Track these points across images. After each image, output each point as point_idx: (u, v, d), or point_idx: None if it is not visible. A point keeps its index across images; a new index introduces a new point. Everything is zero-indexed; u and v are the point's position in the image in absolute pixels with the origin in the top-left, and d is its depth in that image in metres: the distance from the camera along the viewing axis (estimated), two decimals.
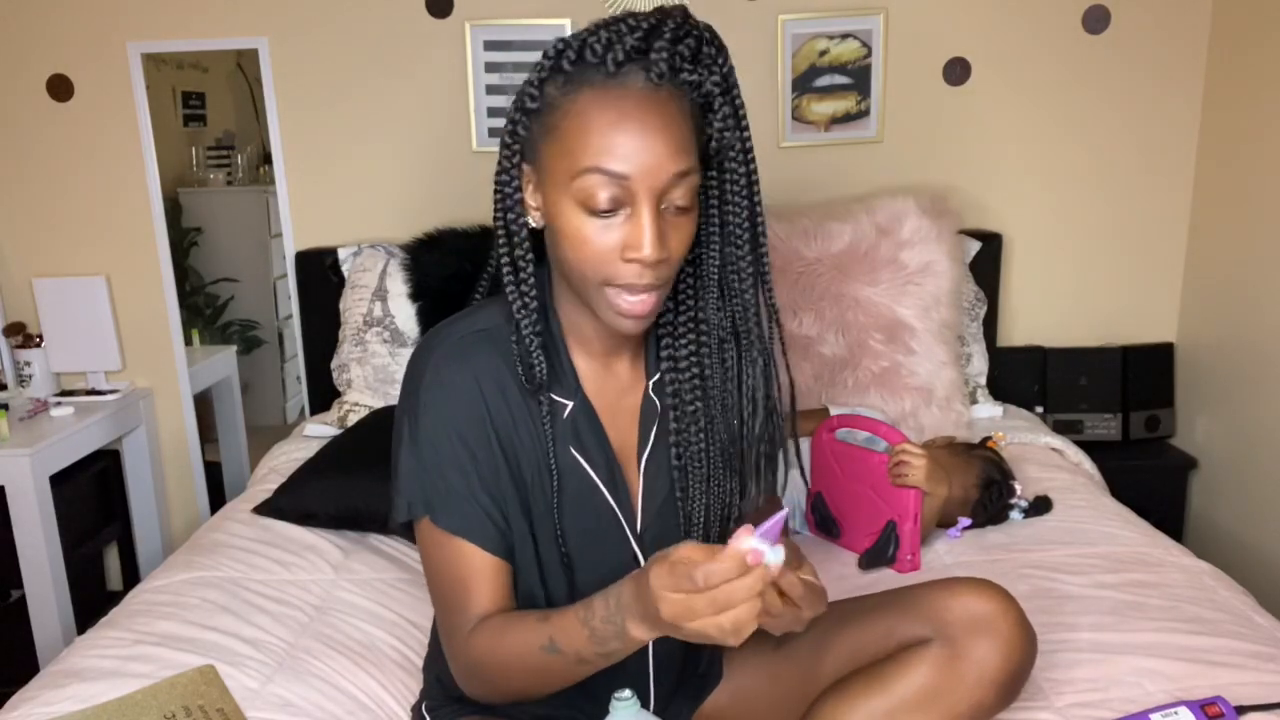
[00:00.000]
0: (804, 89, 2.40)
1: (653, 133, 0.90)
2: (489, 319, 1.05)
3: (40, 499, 2.15)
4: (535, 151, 0.96)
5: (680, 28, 0.92)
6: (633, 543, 1.08)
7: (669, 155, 0.90)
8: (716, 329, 1.04)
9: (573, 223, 0.93)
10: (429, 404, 1.01)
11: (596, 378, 1.07)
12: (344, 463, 1.87)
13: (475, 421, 1.01)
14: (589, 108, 0.90)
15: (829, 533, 1.79)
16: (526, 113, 0.96)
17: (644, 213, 0.91)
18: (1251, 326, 2.25)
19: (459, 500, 1.01)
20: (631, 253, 0.92)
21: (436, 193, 2.42)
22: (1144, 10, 2.36)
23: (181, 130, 2.65)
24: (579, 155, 0.90)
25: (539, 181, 0.97)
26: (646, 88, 0.91)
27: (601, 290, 0.95)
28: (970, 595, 1.07)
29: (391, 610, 1.56)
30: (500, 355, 1.02)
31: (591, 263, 0.93)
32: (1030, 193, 2.46)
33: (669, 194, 0.92)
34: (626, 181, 0.90)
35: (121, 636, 1.43)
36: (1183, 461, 2.45)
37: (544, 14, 2.36)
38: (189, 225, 2.68)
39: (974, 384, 2.32)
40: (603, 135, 0.90)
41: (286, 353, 2.78)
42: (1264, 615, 1.45)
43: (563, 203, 0.93)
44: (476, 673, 1.02)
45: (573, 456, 1.05)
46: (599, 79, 0.91)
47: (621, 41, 0.90)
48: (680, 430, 1.07)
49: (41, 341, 2.45)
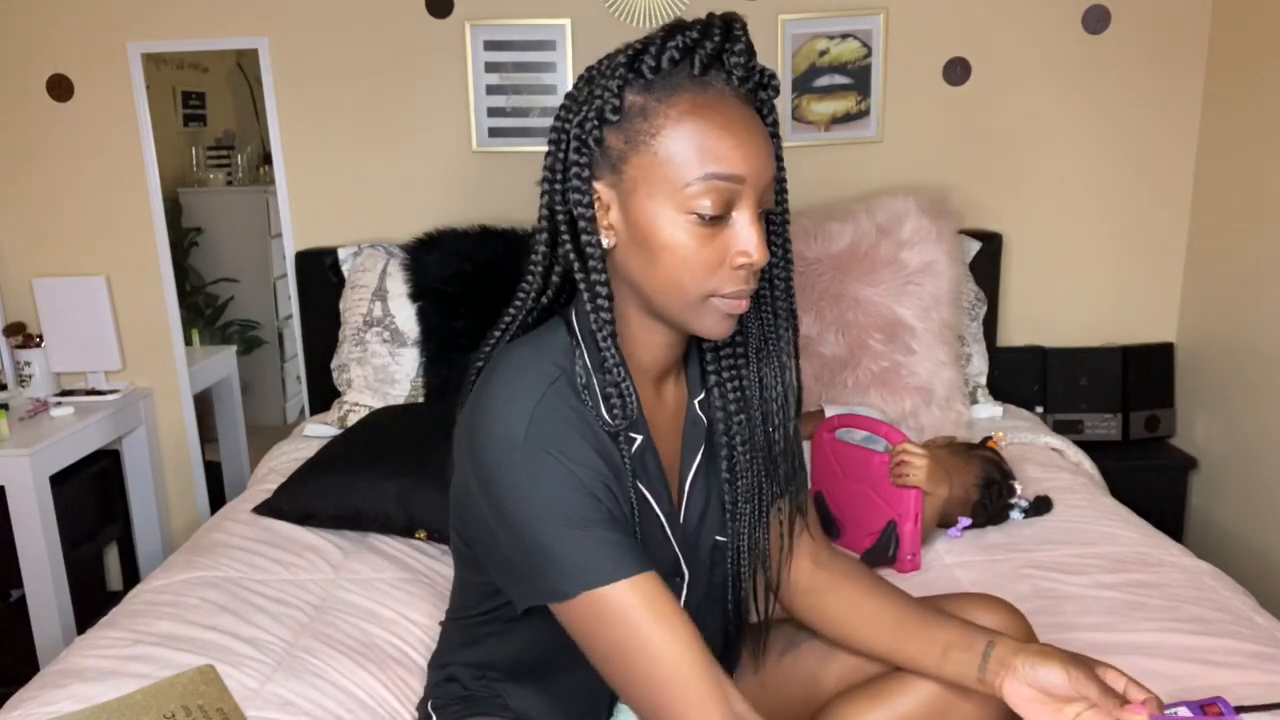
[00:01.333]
0: (804, 89, 2.40)
1: (757, 133, 0.89)
2: (550, 359, 0.96)
3: (40, 499, 2.15)
4: (619, 165, 0.90)
5: (740, 36, 0.90)
6: (676, 550, 1.05)
7: (769, 156, 0.90)
8: (755, 338, 1.03)
9: (678, 234, 0.88)
10: (545, 467, 0.90)
11: (650, 406, 1.03)
12: (344, 463, 1.87)
13: (593, 475, 0.92)
14: (691, 114, 0.87)
15: (829, 533, 1.79)
16: (604, 124, 0.90)
17: (750, 216, 0.89)
18: (1251, 326, 2.25)
19: (616, 546, 0.90)
20: (743, 258, 0.89)
21: (436, 193, 2.42)
22: (1144, 10, 2.36)
23: (181, 130, 2.65)
24: (691, 163, 0.87)
25: (619, 196, 0.91)
26: (732, 91, 0.89)
27: (706, 301, 0.91)
28: (978, 610, 1.07)
29: (392, 609, 1.56)
30: (577, 399, 0.94)
31: (698, 273, 0.89)
32: (1030, 193, 2.46)
33: (765, 196, 0.91)
34: (740, 186, 0.88)
35: (121, 636, 1.43)
36: (1183, 461, 2.45)
37: (544, 14, 2.36)
38: (189, 225, 2.68)
39: (974, 384, 2.32)
40: (717, 139, 0.87)
41: (286, 353, 2.78)
42: (1264, 615, 1.45)
43: (664, 214, 0.88)
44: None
45: (642, 492, 0.99)
46: (689, 84, 0.88)
47: (701, 45, 0.88)
48: (729, 444, 1.05)
49: (41, 341, 2.45)
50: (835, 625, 1.13)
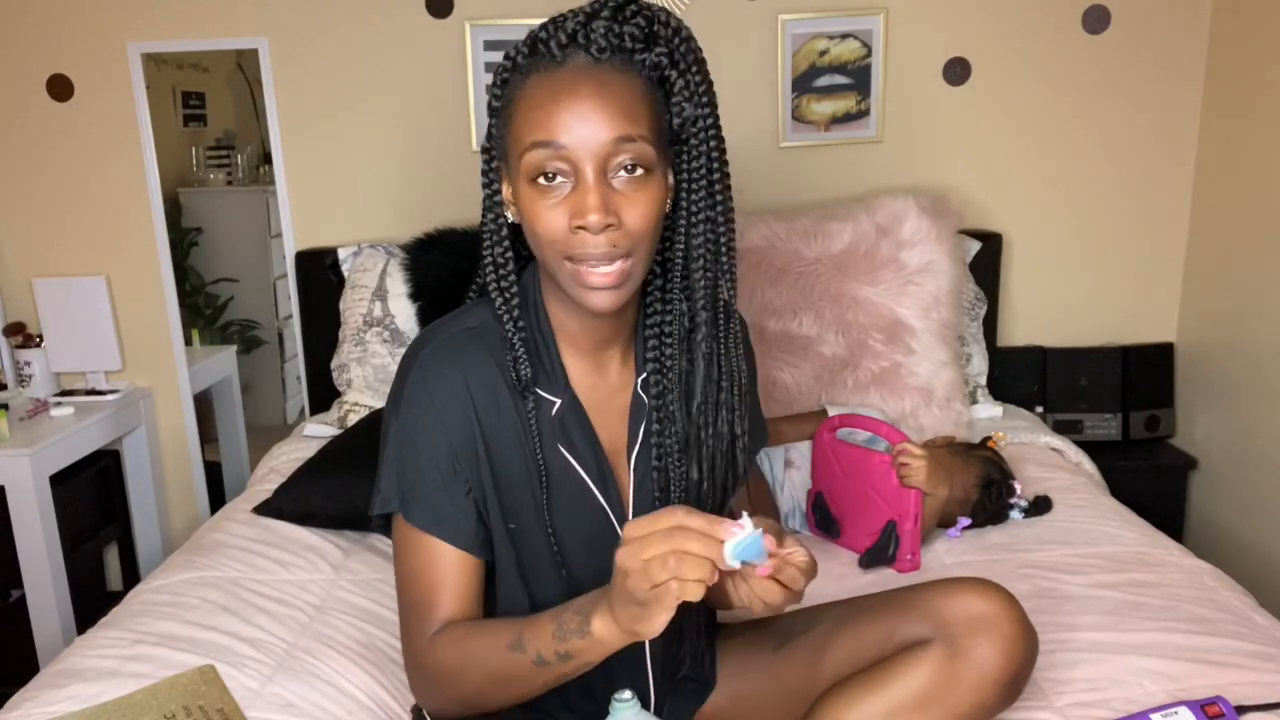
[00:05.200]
0: (804, 89, 2.40)
1: (588, 100, 0.92)
2: (478, 318, 1.06)
3: (40, 499, 2.15)
4: (500, 145, 0.99)
5: (623, 8, 0.94)
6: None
7: (606, 122, 0.92)
8: (683, 318, 1.03)
9: (527, 202, 0.95)
10: (413, 401, 1.02)
11: (586, 376, 1.08)
12: (344, 463, 1.87)
13: (460, 420, 1.02)
14: (532, 90, 0.94)
15: (829, 533, 1.79)
16: (493, 113, 0.99)
17: (588, 179, 0.92)
18: (1251, 326, 2.25)
19: (432, 496, 1.02)
20: (577, 220, 0.93)
21: (436, 193, 2.42)
22: (1144, 10, 2.36)
23: (181, 130, 2.65)
24: (523, 134, 0.94)
25: (508, 175, 1.00)
26: (588, 63, 0.93)
27: (563, 266, 0.96)
28: (971, 595, 1.07)
29: (392, 610, 1.56)
30: (490, 354, 1.03)
31: (546, 237, 0.95)
32: (1030, 193, 2.46)
33: (613, 160, 0.93)
34: (565, 151, 0.92)
35: (121, 636, 1.43)
36: (1183, 461, 2.45)
37: (544, 14, 2.33)
38: (189, 225, 2.68)
39: (974, 384, 2.32)
40: (542, 110, 0.92)
41: (286, 353, 2.78)
42: (1264, 615, 1.45)
43: (519, 185, 0.96)
44: (434, 677, 1.01)
45: (562, 455, 1.05)
46: (545, 65, 0.94)
47: (563, 27, 0.94)
48: (661, 431, 1.06)
49: (41, 341, 2.45)
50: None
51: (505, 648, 0.94)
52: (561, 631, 0.90)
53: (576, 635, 0.89)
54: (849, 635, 1.13)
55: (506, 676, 0.95)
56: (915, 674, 1.05)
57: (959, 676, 1.03)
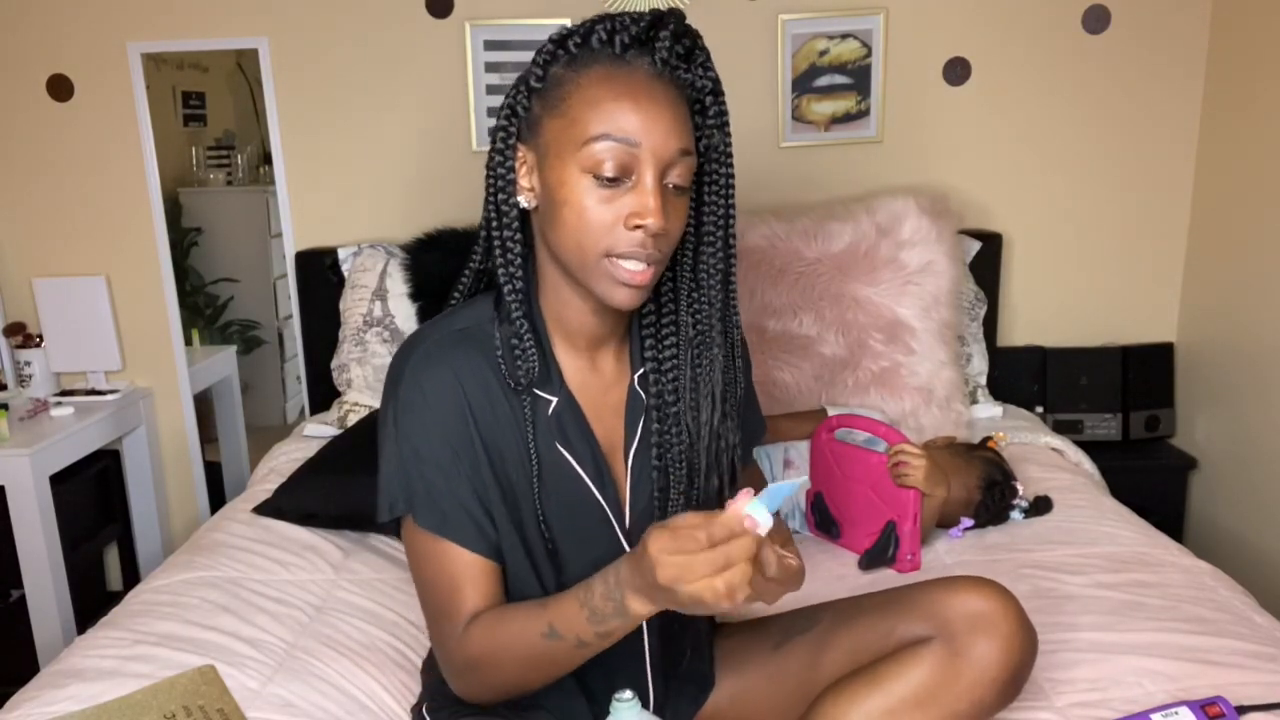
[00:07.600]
0: (804, 89, 2.40)
1: (660, 107, 0.93)
2: (469, 318, 1.06)
3: (40, 499, 2.15)
4: (537, 128, 0.98)
5: (683, 24, 0.97)
6: (621, 538, 1.08)
7: (674, 131, 0.94)
8: (689, 328, 1.06)
9: (577, 192, 0.94)
10: (409, 404, 1.02)
11: (581, 373, 1.08)
12: (344, 463, 1.87)
13: (456, 421, 1.02)
14: (599, 82, 0.94)
15: (829, 533, 1.79)
16: (530, 92, 0.98)
17: (649, 181, 0.93)
18: (1251, 326, 2.25)
19: (439, 498, 1.02)
20: (637, 219, 0.94)
21: (436, 193, 2.42)
22: (1144, 10, 2.36)
23: (181, 130, 2.65)
24: (590, 123, 0.93)
25: (538, 159, 0.98)
26: (651, 72, 0.95)
27: (601, 262, 0.96)
28: (970, 594, 1.07)
29: (392, 610, 1.56)
30: (482, 354, 1.03)
31: (595, 232, 0.95)
32: (1030, 193, 2.46)
33: (671, 170, 0.95)
34: (635, 149, 0.93)
35: (121, 636, 1.43)
36: (1183, 461, 2.45)
37: (544, 14, 2.36)
38: (189, 225, 2.68)
39: (974, 384, 2.32)
40: (616, 104, 0.93)
41: (286, 353, 2.78)
42: (1264, 615, 1.45)
43: (568, 172, 0.95)
44: (473, 671, 1.02)
45: (558, 452, 1.05)
46: (606, 59, 0.95)
47: (627, 29, 0.95)
48: (663, 431, 1.08)
49: (41, 341, 2.45)
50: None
51: (540, 636, 0.95)
52: (596, 616, 0.91)
53: (616, 618, 0.90)
54: (848, 634, 1.13)
55: (550, 661, 0.97)
56: (914, 672, 1.05)
57: (958, 675, 1.04)
